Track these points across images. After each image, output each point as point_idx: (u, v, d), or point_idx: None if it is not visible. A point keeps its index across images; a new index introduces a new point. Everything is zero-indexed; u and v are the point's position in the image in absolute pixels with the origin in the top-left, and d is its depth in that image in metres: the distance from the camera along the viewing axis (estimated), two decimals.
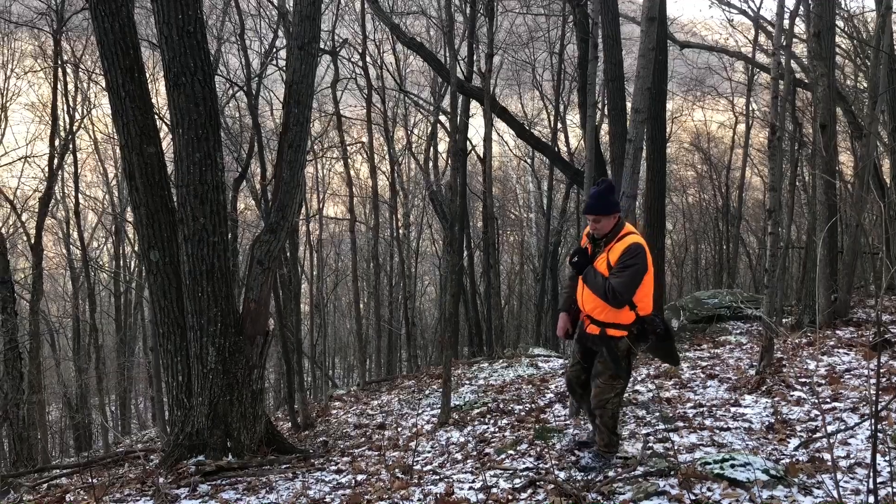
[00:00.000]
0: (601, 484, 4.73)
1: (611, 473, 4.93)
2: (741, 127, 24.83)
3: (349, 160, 19.14)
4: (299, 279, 15.65)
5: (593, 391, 4.99)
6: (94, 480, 7.74)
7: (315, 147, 17.73)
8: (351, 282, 22.06)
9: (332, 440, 8.80)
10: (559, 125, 22.32)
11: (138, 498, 6.52)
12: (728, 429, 5.94)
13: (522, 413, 7.82)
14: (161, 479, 6.41)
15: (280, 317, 10.35)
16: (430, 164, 20.91)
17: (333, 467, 6.86)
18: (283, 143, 7.35)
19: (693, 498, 4.32)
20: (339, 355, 34.87)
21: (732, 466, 4.52)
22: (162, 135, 8.32)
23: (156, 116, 7.79)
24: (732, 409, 6.58)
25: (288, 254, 12.09)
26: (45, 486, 8.70)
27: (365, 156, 21.05)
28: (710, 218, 28.97)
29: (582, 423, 6.27)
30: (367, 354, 24.90)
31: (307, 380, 17.22)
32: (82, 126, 21.33)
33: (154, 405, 24.75)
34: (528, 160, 27.38)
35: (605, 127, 15.06)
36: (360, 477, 6.28)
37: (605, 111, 14.41)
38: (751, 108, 23.18)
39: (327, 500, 5.67)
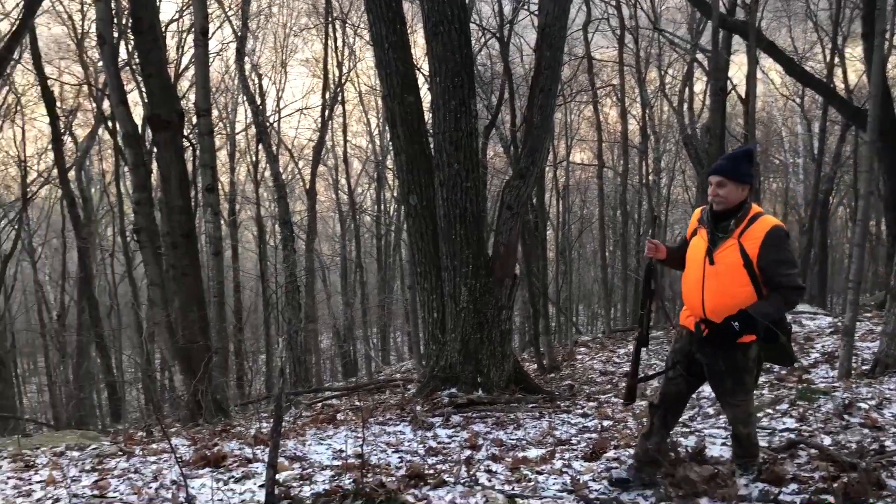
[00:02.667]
0: (875, 455, 4.29)
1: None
2: None
3: (598, 104, 18.74)
4: (545, 225, 15.79)
5: (730, 412, 4.10)
6: (360, 403, 8.56)
7: (564, 92, 17.56)
8: (597, 229, 21.81)
9: (578, 384, 8.88)
10: (836, 59, 20.00)
11: (398, 422, 7.09)
12: None
13: (783, 372, 7.30)
14: (418, 408, 6.89)
15: (527, 261, 10.56)
16: (685, 106, 19.83)
17: (579, 411, 6.92)
18: (535, 87, 7.37)
19: None
20: (584, 302, 34.84)
21: None
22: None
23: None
24: None
25: (535, 200, 12.22)
26: (319, 404, 9.79)
27: (615, 99, 20.50)
28: None
29: (647, 448, 4.33)
30: (611, 303, 24.63)
31: (552, 325, 17.46)
32: (349, 79, 23.00)
33: (410, 339, 26.68)
34: (797, 99, 24.92)
35: (893, 59, 13.21)
36: (606, 423, 6.28)
37: None
38: None
39: (573, 441, 5.75)
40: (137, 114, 13.20)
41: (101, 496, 4.93)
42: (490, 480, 4.88)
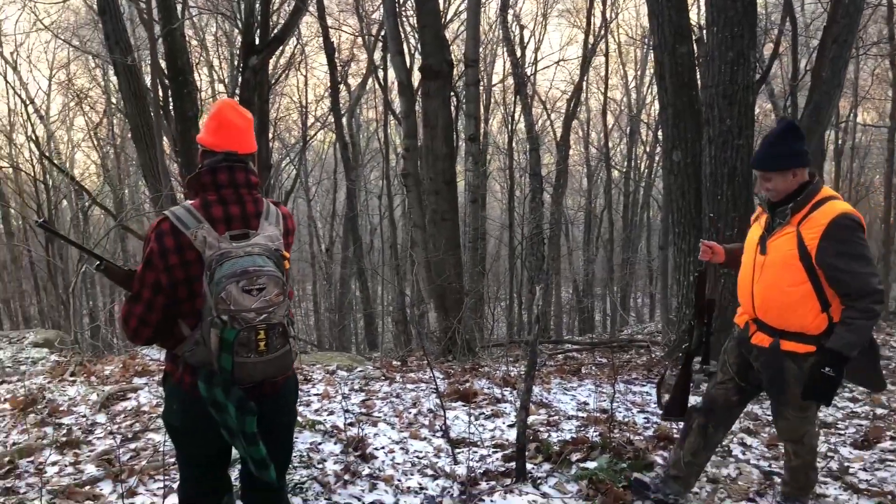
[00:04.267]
0: None
1: None
2: None
3: None
4: None
5: (781, 426, 3.38)
6: (604, 360, 8.54)
7: (857, 43, 15.67)
8: (884, 196, 19.47)
9: None
10: None
11: (643, 383, 7.00)
12: None
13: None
14: (666, 372, 6.73)
15: None
16: None
17: (847, 394, 6.37)
18: (826, 38, 6.70)
19: None
20: None
21: None
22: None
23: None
24: None
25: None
26: (560, 356, 9.92)
27: None
28: None
29: (678, 459, 3.69)
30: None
31: None
32: (609, 30, 22.42)
33: (653, 301, 25.98)
34: None
35: None
36: (879, 410, 5.74)
37: None
38: None
39: (839, 426, 5.34)
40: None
41: (367, 414, 5.44)
42: (744, 454, 4.68)
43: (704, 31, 7.86)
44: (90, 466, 4.12)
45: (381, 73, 19.66)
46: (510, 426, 5.20)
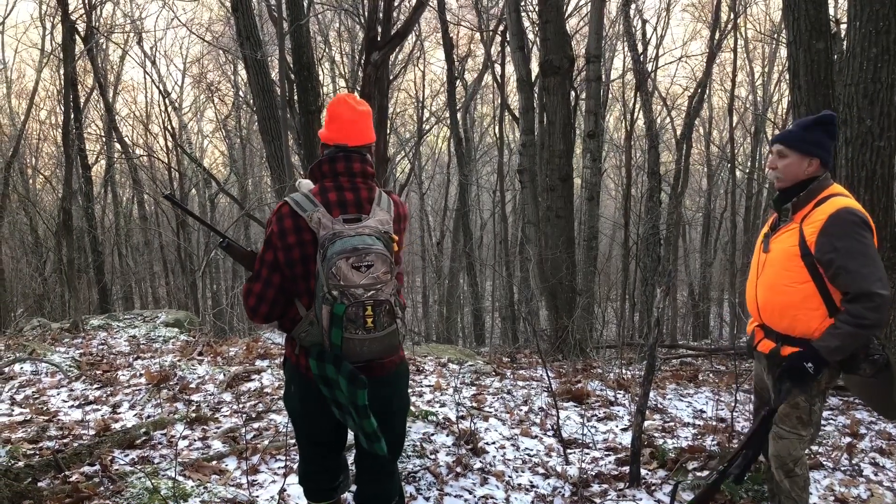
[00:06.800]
0: None
1: None
2: None
3: None
4: None
5: (773, 444, 2.96)
6: (722, 367, 8.24)
7: None
8: None
9: None
10: None
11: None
12: None
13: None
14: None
15: None
16: None
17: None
18: None
19: None
20: None
21: None
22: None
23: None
24: None
25: None
26: (675, 361, 9.64)
27: None
28: None
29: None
30: None
31: None
32: (736, 25, 21.55)
33: None
34: None
35: None
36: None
37: None
38: None
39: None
40: None
41: (478, 408, 5.48)
42: (877, 475, 4.40)
43: (843, 26, 7.42)
44: (217, 442, 4.35)
45: (497, 69, 19.67)
46: (623, 430, 5.11)
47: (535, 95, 11.81)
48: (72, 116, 13.32)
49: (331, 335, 2.25)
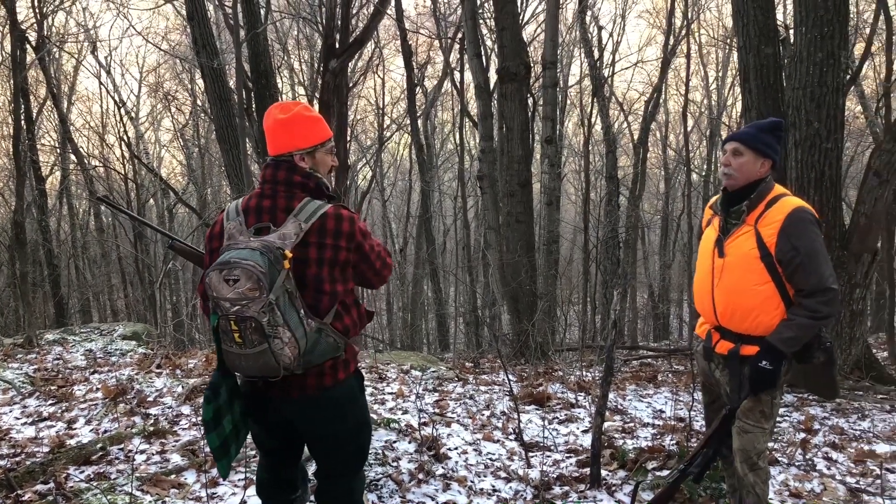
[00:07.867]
0: None
1: None
2: None
3: None
4: None
5: (737, 439, 3.00)
6: (681, 367, 8.36)
7: None
8: None
9: None
10: None
11: None
12: None
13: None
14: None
15: (890, 237, 9.32)
16: None
17: None
18: None
19: None
20: None
21: None
22: None
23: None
24: None
25: None
26: (635, 362, 9.76)
27: None
28: None
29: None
30: None
31: None
32: (690, 32, 21.95)
33: None
34: None
35: None
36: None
37: None
38: None
39: None
40: None
41: (441, 414, 5.48)
42: (829, 469, 4.51)
43: (791, 31, 7.61)
44: (175, 456, 4.29)
45: (457, 76, 19.75)
46: (584, 432, 5.16)
47: (494, 102, 11.88)
48: (23, 128, 13.03)
49: (216, 343, 2.31)
